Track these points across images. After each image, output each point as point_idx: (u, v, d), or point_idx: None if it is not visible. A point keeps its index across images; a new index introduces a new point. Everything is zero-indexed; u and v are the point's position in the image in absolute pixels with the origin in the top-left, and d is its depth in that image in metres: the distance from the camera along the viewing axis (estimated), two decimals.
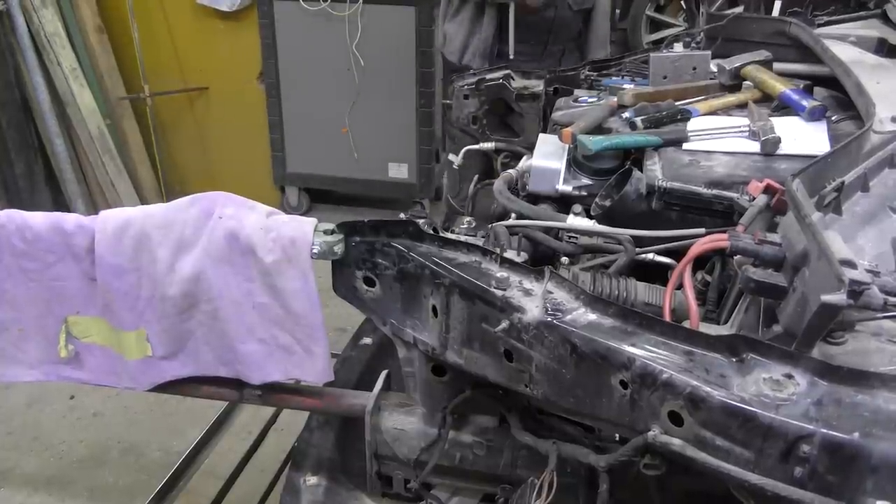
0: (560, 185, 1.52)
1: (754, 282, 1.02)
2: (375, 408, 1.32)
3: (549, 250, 1.41)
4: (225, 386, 1.34)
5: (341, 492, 1.48)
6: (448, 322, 1.11)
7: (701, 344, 0.93)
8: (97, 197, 3.83)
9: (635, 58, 2.23)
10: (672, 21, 5.80)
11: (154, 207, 1.24)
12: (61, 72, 3.51)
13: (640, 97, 1.78)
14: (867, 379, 0.86)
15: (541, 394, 1.04)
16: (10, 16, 3.30)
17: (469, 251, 1.13)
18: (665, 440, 0.90)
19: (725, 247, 1.09)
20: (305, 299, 1.18)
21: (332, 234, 1.17)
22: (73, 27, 3.58)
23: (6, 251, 1.24)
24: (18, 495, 2.44)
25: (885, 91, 1.61)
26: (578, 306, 1.01)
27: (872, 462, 0.79)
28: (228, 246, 1.18)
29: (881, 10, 2.32)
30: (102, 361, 1.33)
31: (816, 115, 1.64)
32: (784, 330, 1.01)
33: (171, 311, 1.23)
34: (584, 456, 1.12)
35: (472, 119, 2.08)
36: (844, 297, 0.86)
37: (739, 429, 0.85)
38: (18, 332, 1.31)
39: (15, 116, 3.47)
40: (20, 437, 2.67)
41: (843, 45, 1.99)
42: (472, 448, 1.29)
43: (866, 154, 1.38)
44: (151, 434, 2.66)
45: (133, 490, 2.42)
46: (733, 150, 1.55)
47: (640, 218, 1.39)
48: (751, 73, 1.81)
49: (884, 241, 1.17)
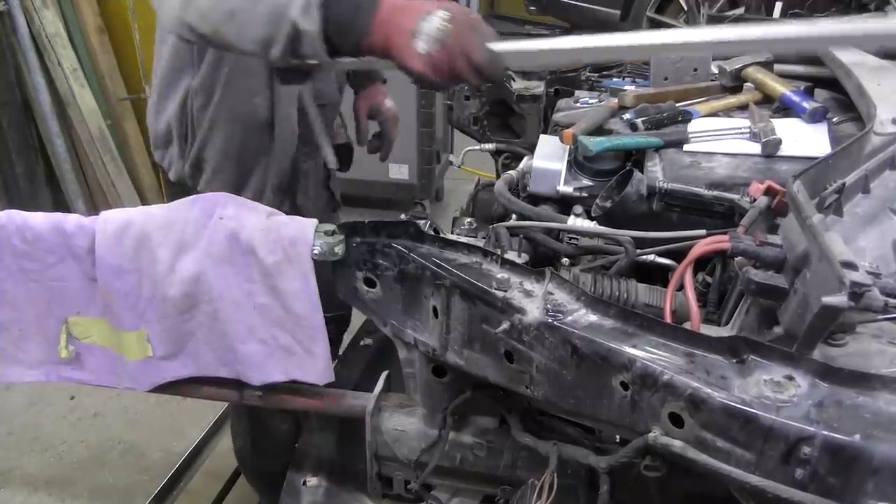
0: (561, 187, 1.52)
1: (755, 283, 1.02)
2: (376, 409, 1.32)
3: (550, 251, 1.41)
4: (225, 386, 1.34)
5: (341, 493, 1.48)
6: (449, 323, 1.11)
7: (702, 345, 0.93)
8: (97, 197, 3.83)
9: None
10: (673, 22, 5.81)
11: (155, 208, 1.24)
12: (62, 72, 3.51)
13: (641, 98, 1.78)
14: (868, 381, 0.86)
15: (541, 395, 1.04)
16: (10, 16, 3.30)
17: (470, 252, 1.13)
18: (666, 441, 0.90)
19: (726, 248, 1.09)
20: (306, 300, 1.18)
21: (333, 234, 1.18)
22: (73, 28, 3.58)
23: (6, 251, 1.24)
24: (18, 495, 2.44)
25: (885, 93, 1.61)
26: (579, 307, 1.00)
27: (873, 464, 0.79)
28: (229, 246, 1.18)
29: (882, 12, 2.32)
30: (103, 362, 1.33)
31: (817, 117, 1.64)
32: (785, 331, 1.01)
33: (171, 312, 1.23)
34: (585, 457, 1.12)
35: (472, 120, 2.08)
36: (845, 299, 0.86)
37: (740, 430, 0.85)
38: (19, 332, 1.31)
39: (16, 117, 3.47)
40: (20, 438, 2.66)
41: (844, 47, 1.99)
42: (473, 449, 1.29)
43: (867, 156, 1.38)
44: (152, 434, 2.66)
45: (133, 490, 2.42)
46: (734, 152, 1.55)
47: (640, 219, 1.39)
48: (752, 74, 1.82)
49: (885, 243, 1.17)
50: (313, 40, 1.12)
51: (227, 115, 1.54)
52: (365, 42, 1.13)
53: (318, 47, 1.13)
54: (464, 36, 1.08)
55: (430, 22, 1.08)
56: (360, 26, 1.12)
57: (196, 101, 1.52)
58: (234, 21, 1.14)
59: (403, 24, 1.10)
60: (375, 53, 1.14)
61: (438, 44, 1.08)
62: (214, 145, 1.56)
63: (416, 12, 1.10)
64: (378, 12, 1.11)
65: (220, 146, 1.56)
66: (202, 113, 1.53)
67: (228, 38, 1.17)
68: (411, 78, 1.13)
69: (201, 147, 1.56)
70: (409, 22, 1.10)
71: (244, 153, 1.60)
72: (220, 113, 1.53)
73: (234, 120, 1.55)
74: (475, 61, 1.09)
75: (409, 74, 1.13)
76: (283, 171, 1.68)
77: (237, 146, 1.58)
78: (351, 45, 1.14)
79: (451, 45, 1.08)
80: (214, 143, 1.56)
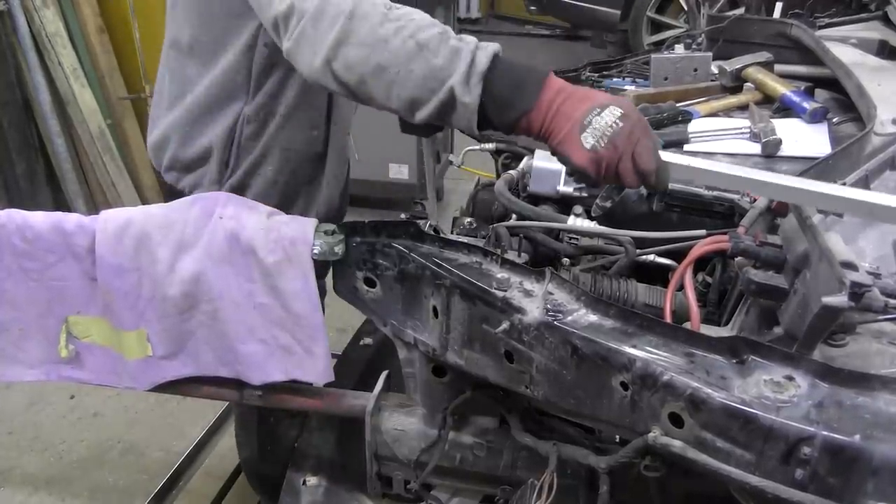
0: (561, 186, 1.52)
1: (755, 283, 1.02)
2: (376, 408, 1.32)
3: (550, 251, 1.41)
4: (225, 386, 1.34)
5: (341, 492, 1.48)
6: (449, 323, 1.11)
7: (702, 345, 0.93)
8: (98, 197, 3.83)
9: (636, 59, 2.23)
10: (673, 22, 5.81)
11: (155, 207, 1.24)
12: (62, 72, 3.50)
13: (642, 98, 1.78)
14: (868, 381, 0.86)
15: (541, 395, 1.03)
16: (11, 16, 3.30)
17: (470, 252, 1.13)
18: (665, 442, 0.90)
19: (726, 248, 1.09)
20: (306, 300, 1.18)
21: (333, 234, 1.18)
22: (74, 27, 3.57)
23: (7, 251, 1.24)
24: (18, 495, 2.43)
25: (886, 93, 1.61)
26: (579, 307, 1.00)
27: (873, 464, 0.79)
28: (229, 246, 1.18)
29: (882, 13, 2.33)
30: (103, 361, 1.33)
31: (817, 117, 1.64)
32: (785, 332, 1.01)
33: (171, 311, 1.23)
34: (585, 457, 1.12)
35: None
36: (845, 300, 0.86)
37: (740, 430, 0.85)
38: (19, 331, 1.31)
39: (16, 116, 3.47)
40: (20, 437, 2.66)
41: (845, 47, 1.99)
42: (473, 449, 1.29)
43: (867, 156, 1.38)
44: (152, 434, 2.66)
45: (133, 490, 2.42)
46: (734, 152, 1.55)
47: (640, 219, 1.39)
48: (752, 74, 1.82)
49: (885, 244, 1.17)
50: (468, 112, 1.05)
51: (283, 144, 1.50)
52: (522, 122, 1.06)
53: (471, 120, 1.06)
54: (635, 138, 1.02)
55: (602, 118, 1.01)
56: (520, 106, 1.05)
57: (247, 128, 1.46)
58: (383, 77, 1.07)
59: (572, 113, 1.03)
60: (530, 134, 1.08)
61: (608, 142, 1.01)
62: (263, 174, 1.52)
63: (586, 102, 1.03)
64: (543, 94, 1.04)
65: (270, 175, 1.52)
66: (253, 141, 1.48)
67: (373, 92, 1.10)
68: (567, 168, 1.07)
69: (247, 174, 1.51)
70: (579, 112, 1.03)
71: (292, 183, 1.56)
72: (275, 142, 1.49)
73: (288, 149, 1.51)
74: (642, 167, 1.03)
75: (567, 164, 1.06)
76: (332, 201, 1.64)
77: (287, 176, 1.54)
78: (505, 123, 1.07)
79: (620, 145, 1.01)
80: (263, 172, 1.51)
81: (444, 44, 1.06)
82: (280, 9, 1.12)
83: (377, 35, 1.07)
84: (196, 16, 1.38)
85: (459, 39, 1.08)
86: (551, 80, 1.06)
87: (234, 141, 1.48)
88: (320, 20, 1.09)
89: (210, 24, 1.37)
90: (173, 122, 1.51)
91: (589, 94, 1.06)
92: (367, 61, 1.07)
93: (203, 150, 1.50)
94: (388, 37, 1.06)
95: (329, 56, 1.09)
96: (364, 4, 1.08)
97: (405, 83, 1.07)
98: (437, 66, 1.05)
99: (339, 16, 1.08)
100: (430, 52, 1.05)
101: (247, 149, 1.49)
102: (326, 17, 1.09)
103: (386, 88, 1.08)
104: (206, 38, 1.39)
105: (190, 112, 1.48)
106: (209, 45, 1.40)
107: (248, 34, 1.35)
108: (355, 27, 1.07)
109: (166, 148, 1.53)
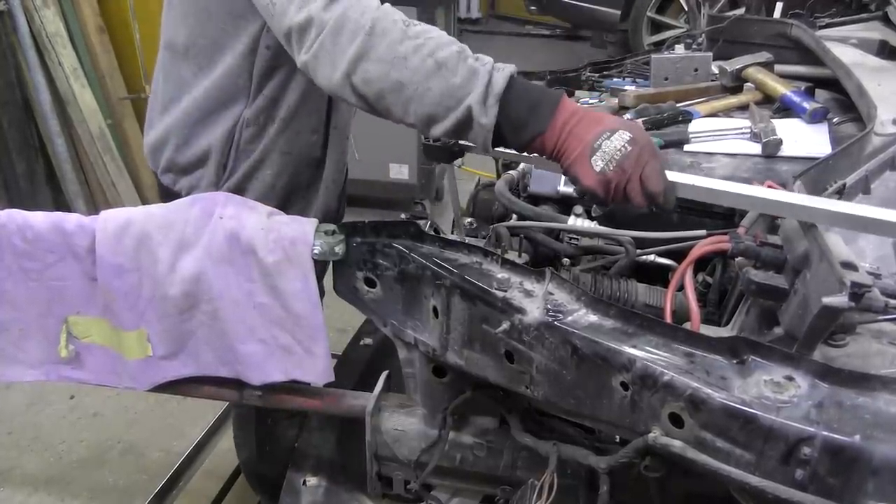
0: (561, 187, 1.52)
1: (755, 284, 1.02)
2: (376, 409, 1.32)
3: (550, 251, 1.41)
4: (225, 386, 1.34)
5: (341, 493, 1.48)
6: (449, 323, 1.11)
7: (702, 346, 0.93)
8: (98, 197, 3.83)
9: (636, 59, 2.23)
10: (673, 22, 5.82)
11: (155, 207, 1.24)
12: (62, 72, 3.50)
13: (642, 99, 1.78)
14: (868, 381, 0.86)
15: (541, 395, 1.04)
16: (11, 15, 3.30)
17: (470, 252, 1.13)
18: (665, 442, 0.90)
19: (727, 249, 1.09)
20: (306, 300, 1.18)
21: (333, 234, 1.18)
22: (74, 27, 3.57)
23: (7, 251, 1.24)
24: (18, 495, 2.44)
25: (886, 93, 1.61)
26: (579, 307, 1.00)
27: (873, 464, 0.79)
28: (229, 246, 1.18)
29: (882, 13, 2.33)
30: (103, 361, 1.33)
31: (818, 117, 1.64)
32: (785, 332, 1.01)
33: (171, 311, 1.23)
34: (585, 457, 1.12)
35: None
36: (846, 300, 0.86)
37: (740, 431, 0.85)
38: (19, 332, 1.31)
39: (16, 116, 3.47)
40: (20, 437, 2.66)
41: (845, 48, 1.99)
42: (473, 449, 1.29)
43: (868, 156, 1.38)
44: (151, 434, 2.66)
45: (133, 490, 2.42)
46: (735, 152, 1.55)
47: (640, 219, 1.39)
48: (752, 74, 1.82)
49: (885, 244, 1.17)
50: (483, 131, 1.08)
51: (282, 148, 1.50)
52: (536, 143, 1.09)
53: (486, 139, 1.09)
54: (643, 161, 1.05)
55: (612, 142, 1.04)
56: (535, 127, 1.08)
57: (246, 132, 1.46)
58: (402, 92, 1.09)
59: (583, 136, 1.06)
60: (542, 154, 1.11)
61: (617, 165, 1.04)
62: (261, 178, 1.52)
63: (597, 126, 1.06)
64: (557, 116, 1.07)
65: (268, 179, 1.52)
66: (251, 145, 1.48)
67: (391, 107, 1.12)
68: (576, 188, 1.10)
69: (245, 178, 1.51)
70: (590, 135, 1.05)
71: (290, 187, 1.56)
72: (274, 146, 1.49)
73: (287, 154, 1.51)
74: (650, 189, 1.05)
75: (578, 185, 1.09)
76: (329, 206, 1.64)
77: (285, 180, 1.54)
78: (519, 143, 1.10)
79: (629, 168, 1.04)
80: (261, 176, 1.51)
81: (463, 63, 1.08)
82: (297, 20, 1.13)
83: (397, 52, 1.08)
84: (193, 17, 1.37)
85: (476, 59, 1.09)
86: (565, 102, 1.09)
87: (233, 144, 1.47)
88: (340, 34, 1.10)
89: (207, 25, 1.36)
90: (170, 125, 1.50)
91: (600, 117, 1.08)
92: (386, 77, 1.09)
93: (201, 152, 1.49)
94: (407, 54, 1.08)
95: (349, 70, 1.11)
96: (384, 21, 1.10)
97: (423, 100, 1.09)
98: (455, 84, 1.07)
99: (359, 31, 1.09)
100: (448, 71, 1.07)
101: (245, 152, 1.48)
102: (346, 31, 1.10)
103: (404, 104, 1.10)
104: (203, 40, 1.38)
105: (188, 115, 1.47)
106: (206, 48, 1.39)
107: (249, 36, 1.34)
108: (375, 43, 1.09)
109: (163, 150, 1.53)
